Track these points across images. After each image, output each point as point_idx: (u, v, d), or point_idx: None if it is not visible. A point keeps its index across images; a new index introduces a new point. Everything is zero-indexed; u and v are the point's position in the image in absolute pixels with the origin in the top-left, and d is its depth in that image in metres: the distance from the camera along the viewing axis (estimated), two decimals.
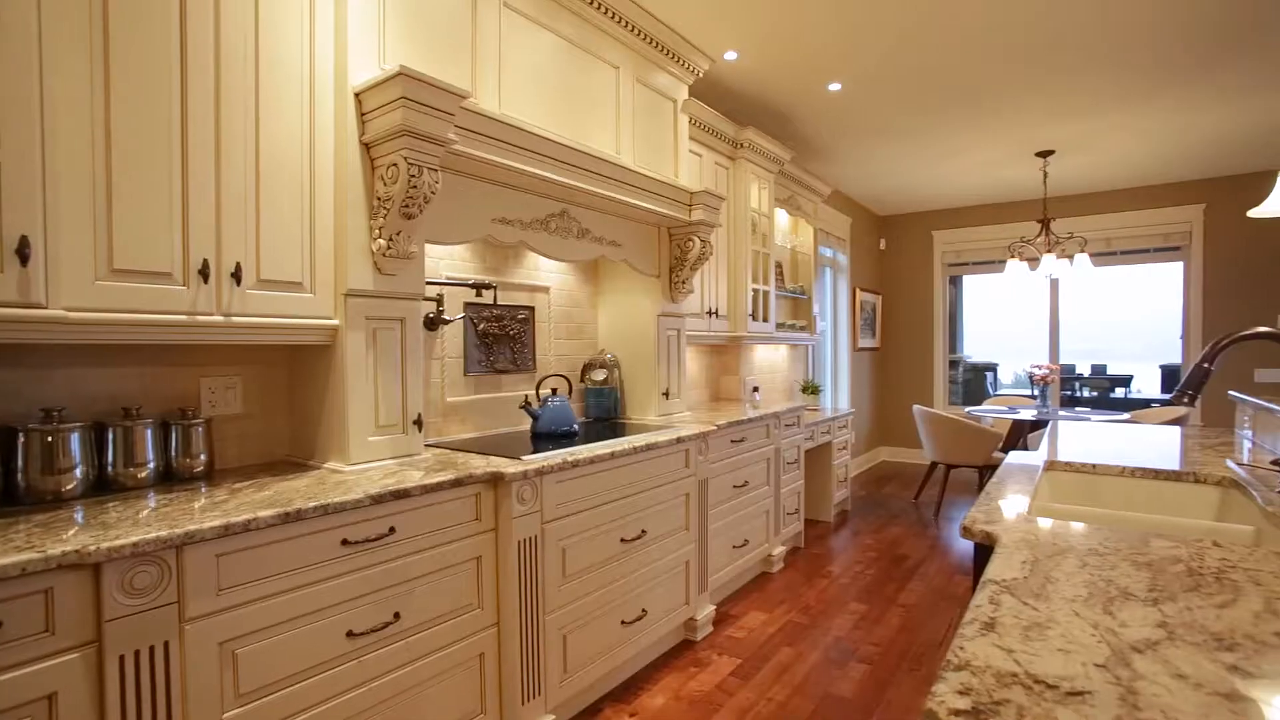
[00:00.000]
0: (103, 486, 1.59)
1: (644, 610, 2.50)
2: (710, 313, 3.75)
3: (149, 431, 1.64)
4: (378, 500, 1.60)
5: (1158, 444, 2.27)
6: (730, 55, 3.28)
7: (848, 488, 5.08)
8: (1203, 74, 3.52)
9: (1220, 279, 5.75)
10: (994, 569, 1.01)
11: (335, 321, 1.87)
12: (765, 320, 4.26)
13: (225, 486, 1.64)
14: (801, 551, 4.12)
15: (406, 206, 1.88)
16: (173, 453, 1.71)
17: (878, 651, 2.78)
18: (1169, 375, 9.31)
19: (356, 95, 1.86)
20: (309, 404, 1.99)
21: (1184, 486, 1.79)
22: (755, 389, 4.37)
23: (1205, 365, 1.41)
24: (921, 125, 4.33)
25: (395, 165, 1.85)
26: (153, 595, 1.24)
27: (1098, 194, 6.22)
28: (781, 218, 4.91)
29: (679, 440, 2.66)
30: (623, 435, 2.54)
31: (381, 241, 1.90)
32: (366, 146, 1.90)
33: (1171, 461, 1.93)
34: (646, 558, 2.51)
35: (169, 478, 1.71)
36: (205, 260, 1.58)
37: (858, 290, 6.60)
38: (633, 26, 2.80)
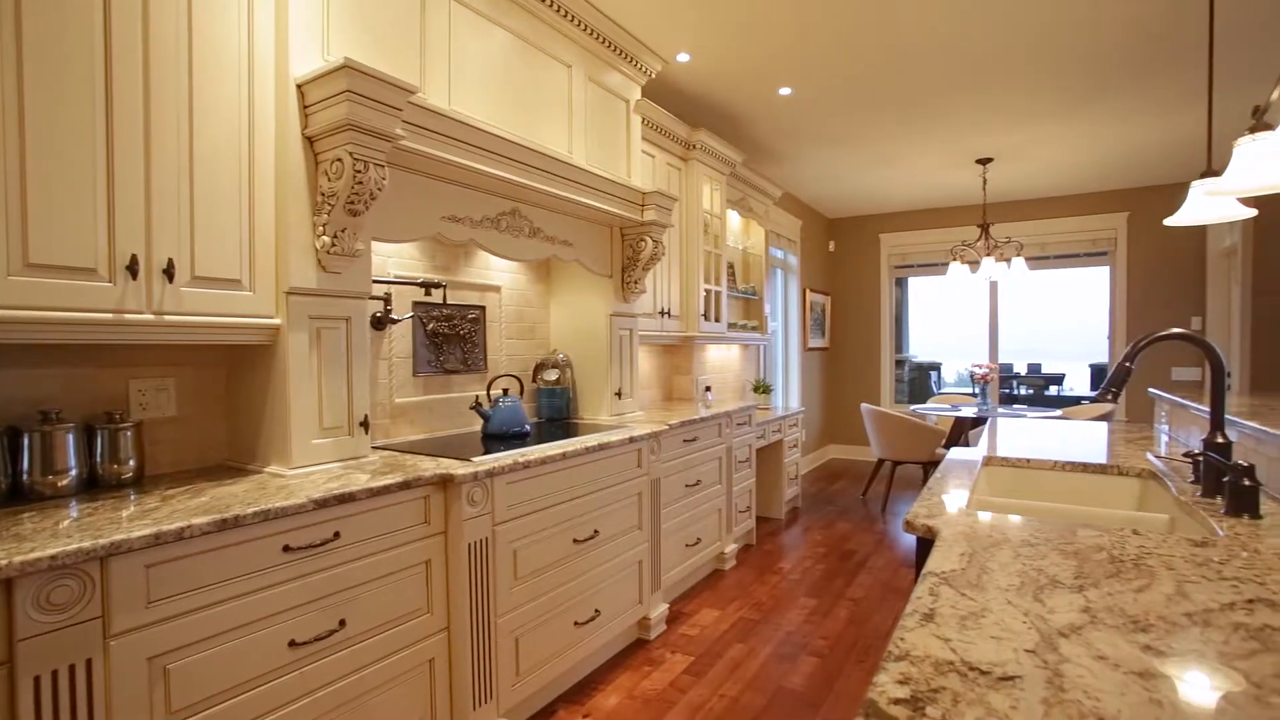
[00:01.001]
0: (17, 496, 1.50)
1: (597, 611, 2.49)
2: (663, 313, 3.77)
3: (70, 436, 1.55)
4: (321, 505, 1.55)
5: (1087, 439, 2.40)
6: (683, 57, 3.30)
7: (798, 485, 5.18)
8: (1126, 91, 3.72)
9: (1142, 282, 6.09)
10: (934, 561, 1.04)
11: (277, 321, 1.81)
12: (717, 320, 4.31)
13: (157, 493, 1.57)
14: (753, 549, 4.18)
15: (352, 203, 1.83)
16: (98, 458, 1.62)
17: (827, 644, 2.84)
18: (1097, 373, 9.83)
19: (299, 87, 1.80)
20: (249, 406, 1.91)
21: (1108, 479, 1.89)
22: (708, 388, 4.42)
23: (1127, 364, 1.49)
24: (869, 131, 4.45)
25: (340, 160, 1.80)
26: (73, 611, 1.17)
27: (1033, 200, 6.51)
28: (733, 219, 4.98)
29: (631, 440, 2.67)
30: (575, 435, 2.53)
31: (326, 238, 1.85)
32: (310, 140, 1.84)
33: (1099, 456, 2.04)
34: (599, 558, 2.51)
35: (94, 485, 1.62)
36: (134, 256, 1.50)
37: (808, 291, 6.73)
38: (585, 25, 2.79)
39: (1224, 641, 0.76)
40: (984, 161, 5.15)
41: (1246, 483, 1.30)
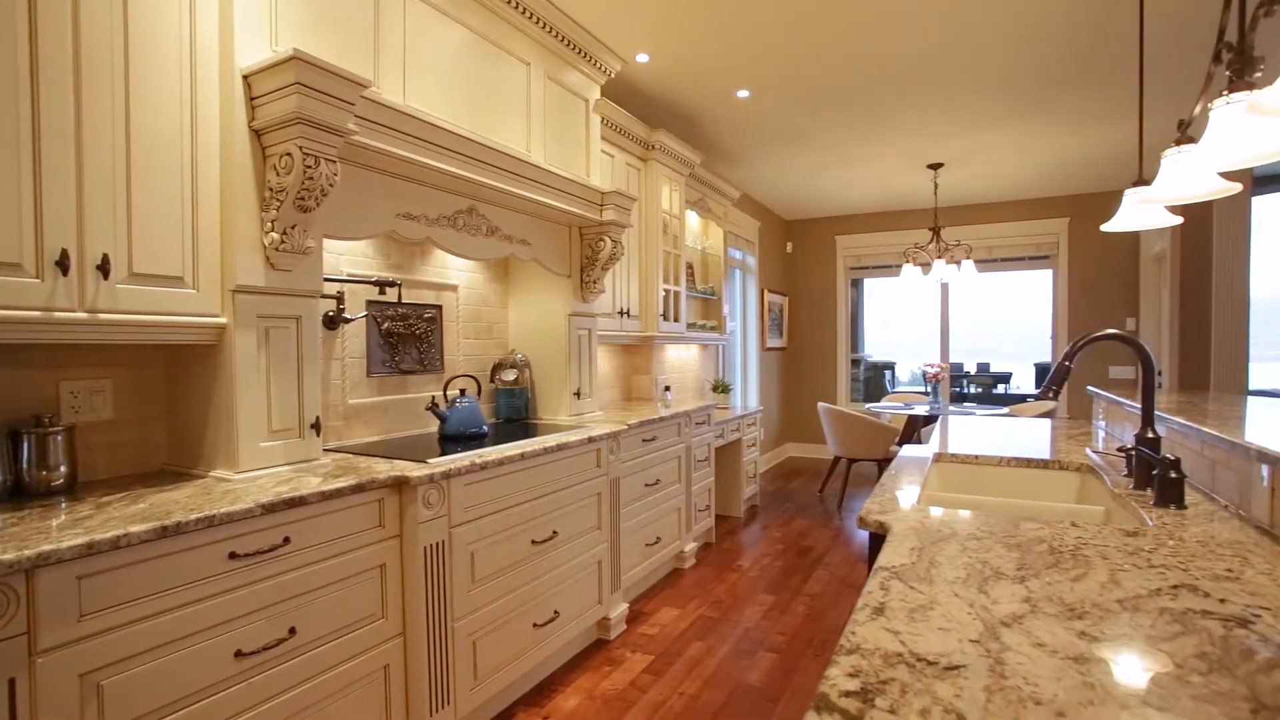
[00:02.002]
0: None
1: (556, 612, 2.48)
2: (622, 313, 3.77)
3: None
4: (270, 509, 1.50)
5: (1031, 436, 2.49)
6: (642, 57, 3.31)
7: (757, 483, 5.25)
8: (1065, 103, 3.88)
9: (1082, 285, 6.37)
10: (885, 556, 1.07)
11: (222, 319, 1.74)
12: (676, 320, 4.33)
13: (91, 500, 1.49)
14: (713, 547, 4.22)
15: (302, 199, 1.78)
16: (24, 465, 1.53)
17: (785, 640, 2.88)
18: (1042, 372, 10.22)
19: (245, 78, 1.74)
20: (193, 408, 1.84)
21: (1050, 473, 1.96)
22: (667, 388, 4.44)
23: (1066, 364, 1.56)
24: (825, 135, 4.54)
25: (289, 154, 1.74)
26: None
27: (981, 205, 6.74)
28: (692, 219, 5.01)
29: (590, 440, 2.66)
30: (534, 436, 2.51)
31: (274, 235, 1.79)
32: (257, 133, 1.78)
33: (1042, 451, 2.12)
34: (558, 559, 2.49)
35: (20, 493, 1.54)
36: (64, 250, 1.43)
37: (766, 291, 6.83)
38: (544, 23, 2.77)
39: (1151, 625, 0.80)
40: (935, 167, 5.30)
41: (1173, 475, 1.37)
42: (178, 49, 1.65)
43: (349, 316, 2.40)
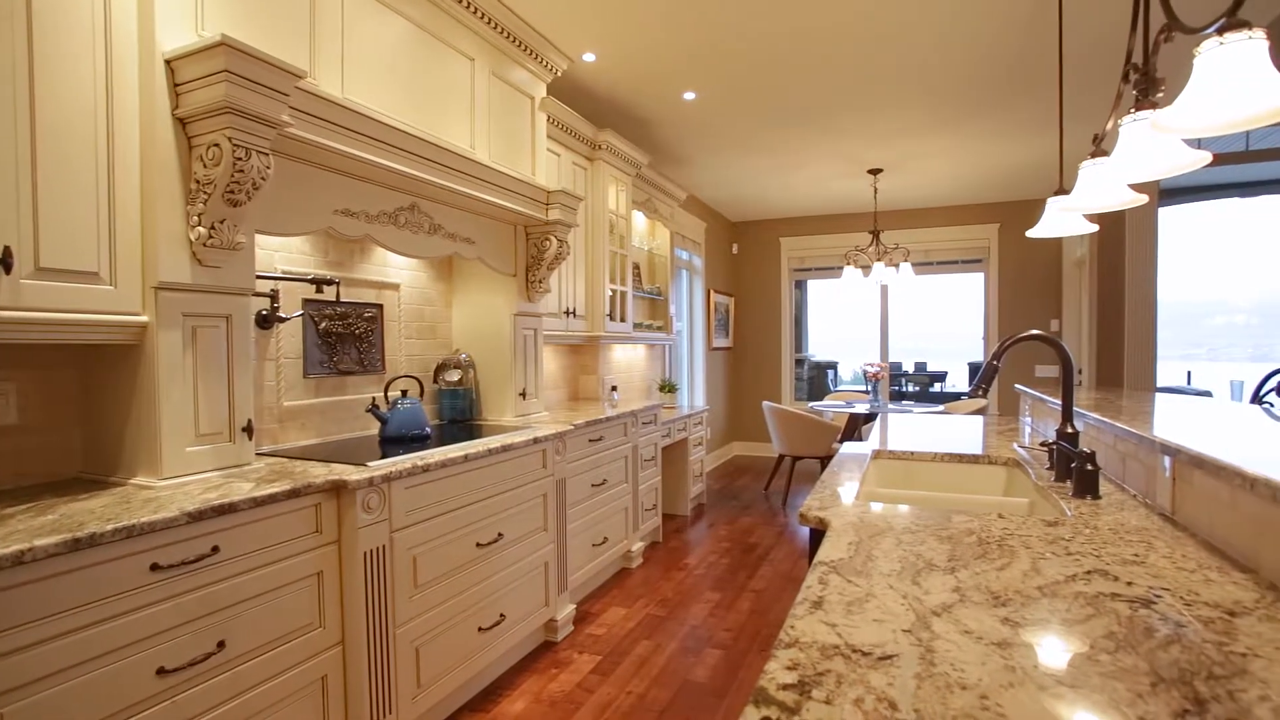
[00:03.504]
0: None
1: (502, 615, 2.45)
2: (568, 312, 3.75)
3: None
4: (197, 517, 1.43)
5: (964, 432, 2.60)
6: (589, 57, 3.30)
7: (703, 482, 5.31)
8: (992, 114, 4.07)
9: (1011, 288, 6.69)
10: (824, 551, 1.10)
11: (144, 318, 1.65)
12: (623, 320, 4.34)
13: None
14: (660, 546, 4.25)
15: (232, 192, 1.70)
16: None
17: (731, 636, 2.93)
18: (974, 371, 10.69)
19: (168, 63, 1.65)
20: (111, 412, 1.73)
21: (980, 468, 2.06)
22: (614, 388, 4.44)
23: (994, 363, 1.63)
24: (769, 139, 4.63)
25: (218, 146, 1.66)
26: None
27: (919, 210, 7.00)
28: (639, 220, 5.03)
29: (536, 440, 2.64)
30: (478, 437, 2.47)
31: (202, 230, 1.70)
32: (182, 122, 1.69)
33: (974, 447, 2.22)
34: (504, 561, 2.46)
35: None
36: None
37: (712, 292, 6.91)
38: (488, 18, 2.73)
39: (1067, 609, 0.84)
40: (875, 172, 5.48)
41: (1089, 468, 1.46)
42: (90, 29, 1.55)
43: (284, 315, 2.31)
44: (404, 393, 2.62)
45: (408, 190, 2.39)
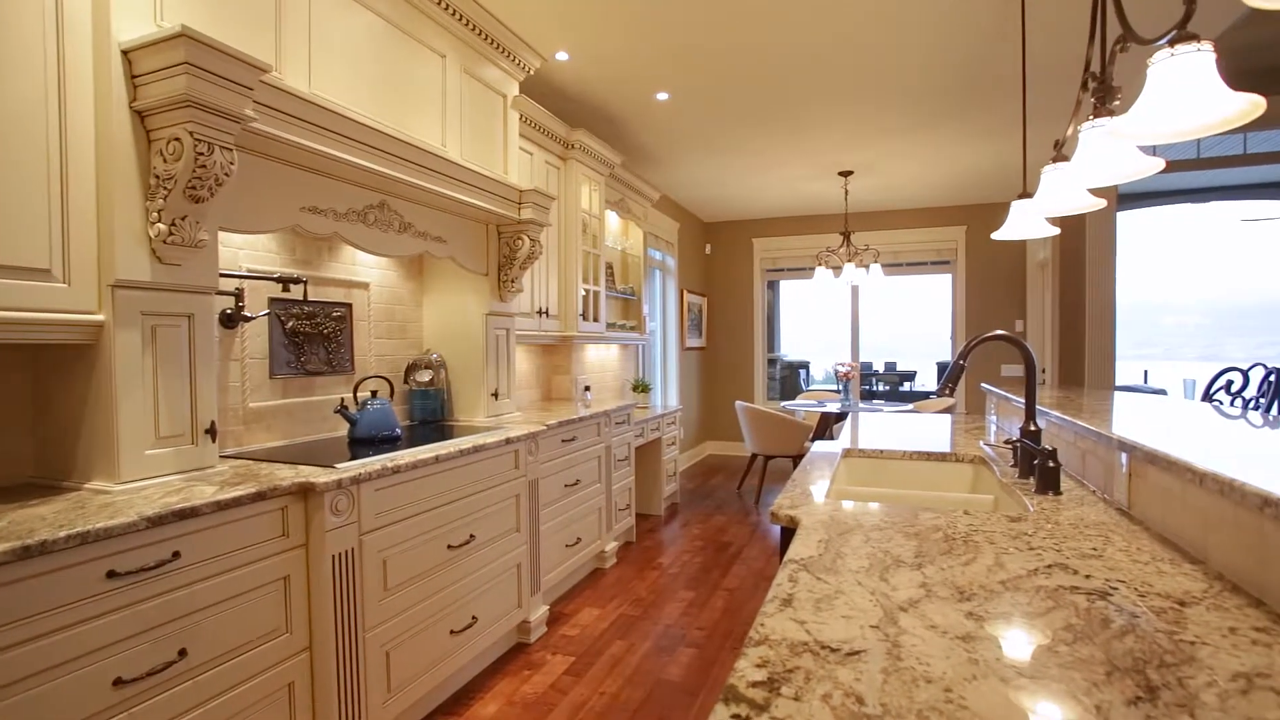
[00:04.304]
0: None
1: (474, 617, 2.42)
2: (541, 312, 3.73)
3: None
4: (156, 522, 1.39)
5: (932, 431, 2.65)
6: (562, 56, 3.28)
7: (677, 481, 5.32)
8: (959, 118, 4.16)
9: (977, 289, 6.84)
10: (794, 549, 1.11)
11: (100, 317, 1.60)
12: (596, 320, 4.33)
13: None
14: (633, 545, 4.25)
15: (193, 188, 1.66)
16: None
17: (704, 635, 2.94)
18: (942, 370, 10.91)
19: (125, 53, 1.60)
20: (66, 414, 1.68)
21: (948, 465, 2.10)
22: (587, 388, 4.43)
23: (960, 362, 1.67)
24: (742, 141, 4.66)
25: (178, 140, 1.62)
26: None
27: (888, 212, 7.11)
28: (612, 220, 5.02)
29: (508, 441, 2.62)
30: (450, 438, 2.45)
31: (162, 226, 1.66)
32: (141, 115, 1.64)
33: (942, 445, 2.26)
34: (476, 563, 2.44)
35: None
36: None
37: (685, 292, 6.94)
38: (460, 15, 2.71)
39: (1028, 603, 0.87)
40: (845, 174, 5.55)
41: (1051, 465, 1.50)
42: (39, 17, 1.49)
43: (249, 315, 2.26)
44: (374, 393, 2.58)
45: (377, 188, 2.35)
